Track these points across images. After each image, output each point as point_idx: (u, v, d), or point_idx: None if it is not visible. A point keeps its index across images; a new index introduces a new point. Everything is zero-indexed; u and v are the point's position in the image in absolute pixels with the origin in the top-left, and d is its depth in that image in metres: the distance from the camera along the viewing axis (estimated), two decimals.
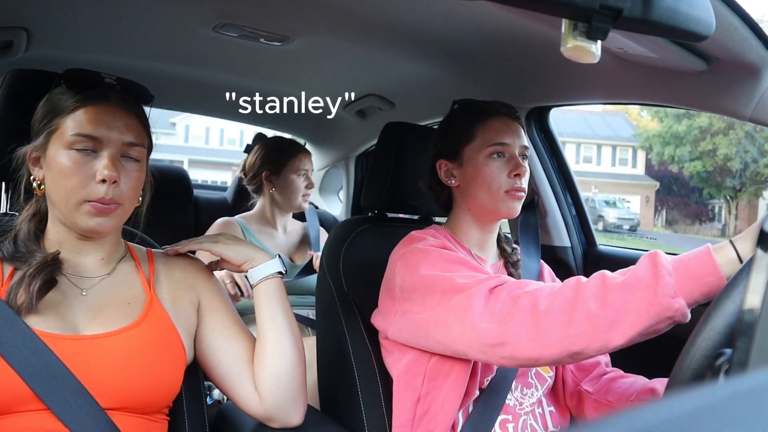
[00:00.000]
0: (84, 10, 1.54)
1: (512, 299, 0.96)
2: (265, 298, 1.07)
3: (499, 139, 1.21)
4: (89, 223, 0.93)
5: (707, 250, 0.84)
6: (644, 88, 1.39)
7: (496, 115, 1.23)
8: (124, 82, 1.00)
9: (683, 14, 0.64)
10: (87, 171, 0.92)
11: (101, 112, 0.94)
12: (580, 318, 0.87)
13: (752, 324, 0.54)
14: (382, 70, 1.87)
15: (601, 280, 0.89)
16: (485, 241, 1.28)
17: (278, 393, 1.04)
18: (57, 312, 0.93)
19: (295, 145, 2.19)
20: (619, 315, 0.85)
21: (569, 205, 1.91)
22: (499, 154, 1.21)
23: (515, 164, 1.20)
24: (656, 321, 0.84)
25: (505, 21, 1.31)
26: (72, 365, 0.89)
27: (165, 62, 1.96)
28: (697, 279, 0.82)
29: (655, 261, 0.85)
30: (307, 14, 1.47)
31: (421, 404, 1.16)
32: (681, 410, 0.26)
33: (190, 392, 1.10)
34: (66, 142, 0.93)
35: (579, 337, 0.88)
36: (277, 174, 2.11)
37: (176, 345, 1.01)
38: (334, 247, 1.38)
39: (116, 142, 0.94)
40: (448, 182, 1.26)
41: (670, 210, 26.71)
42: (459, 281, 1.04)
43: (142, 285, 1.03)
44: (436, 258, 1.11)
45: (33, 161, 0.97)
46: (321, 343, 1.42)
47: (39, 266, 0.92)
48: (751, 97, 1.14)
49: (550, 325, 0.90)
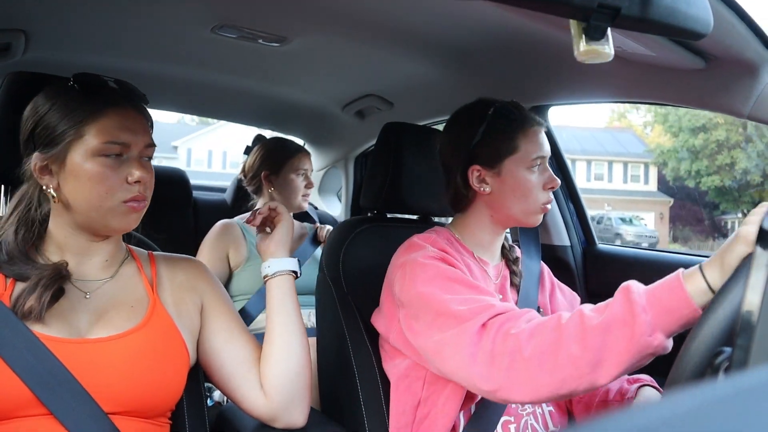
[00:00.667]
0: (82, 13, 1.54)
1: (500, 341, 0.96)
2: (279, 293, 1.09)
3: (541, 152, 1.20)
4: (125, 221, 0.97)
5: (678, 281, 0.83)
6: (643, 87, 1.39)
7: (535, 125, 1.22)
8: (124, 85, 1.01)
9: (681, 12, 0.64)
10: (118, 174, 0.95)
11: (124, 117, 0.96)
12: (564, 362, 0.88)
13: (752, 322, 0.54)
14: (380, 70, 1.87)
15: (579, 321, 0.89)
16: (492, 243, 1.27)
17: (286, 392, 1.04)
18: (61, 316, 0.92)
19: (293, 146, 2.19)
20: (601, 356, 0.86)
21: (568, 204, 1.92)
22: (536, 167, 1.20)
23: (550, 177, 1.20)
24: (638, 358, 0.85)
25: (503, 20, 1.31)
26: (75, 369, 0.89)
27: (163, 64, 1.96)
28: (671, 313, 0.82)
29: (629, 298, 0.85)
30: (305, 15, 1.47)
31: (422, 408, 1.16)
32: (681, 409, 0.26)
33: (190, 395, 1.10)
34: (93, 150, 0.93)
35: (565, 381, 0.89)
36: (276, 174, 2.11)
37: (180, 348, 1.01)
38: (334, 248, 1.38)
39: (140, 144, 0.98)
40: (480, 189, 1.22)
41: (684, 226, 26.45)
42: (454, 307, 1.03)
43: (144, 288, 1.03)
44: (434, 274, 1.10)
45: (41, 170, 0.95)
46: (321, 343, 1.42)
47: (53, 277, 0.92)
48: (749, 95, 1.14)
49: (535, 372, 0.91)
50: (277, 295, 1.09)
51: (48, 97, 0.96)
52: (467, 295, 1.06)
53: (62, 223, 0.98)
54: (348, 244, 1.37)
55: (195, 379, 1.10)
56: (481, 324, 0.99)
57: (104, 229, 0.97)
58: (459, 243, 1.24)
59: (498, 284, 1.26)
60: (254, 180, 2.15)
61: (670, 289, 0.83)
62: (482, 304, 1.02)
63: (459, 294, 1.06)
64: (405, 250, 1.20)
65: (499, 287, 1.26)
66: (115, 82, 1.00)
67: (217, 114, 2.93)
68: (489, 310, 1.00)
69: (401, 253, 1.20)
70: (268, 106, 2.52)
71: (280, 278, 1.10)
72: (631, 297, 0.85)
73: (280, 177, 2.10)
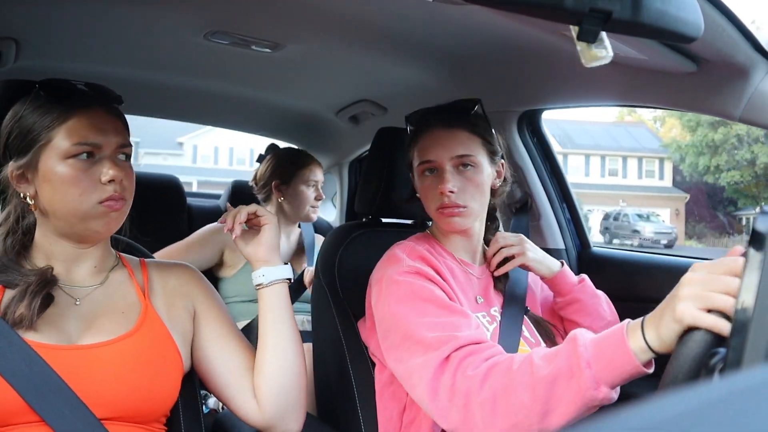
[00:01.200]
0: (74, 20, 1.53)
1: (459, 379, 0.97)
2: (274, 301, 1.06)
3: (428, 156, 1.20)
4: (106, 222, 0.95)
5: (622, 336, 0.82)
6: (635, 90, 1.40)
7: (427, 129, 1.23)
8: (96, 87, 1.00)
9: (672, 16, 0.65)
10: (91, 176, 0.94)
11: (92, 117, 0.95)
12: (515, 409, 0.89)
13: (745, 323, 0.54)
14: (374, 75, 1.87)
15: (529, 370, 0.90)
16: (468, 243, 1.28)
17: (279, 403, 1.03)
18: (51, 323, 0.92)
19: (306, 156, 2.18)
20: (549, 406, 0.87)
21: (563, 207, 1.92)
22: (431, 170, 1.21)
23: (440, 180, 1.18)
24: (585, 409, 0.85)
25: (495, 25, 1.31)
26: (67, 376, 0.88)
27: (156, 71, 1.96)
28: (616, 368, 0.82)
29: (575, 351, 0.85)
30: (297, 21, 1.47)
31: (408, 413, 1.17)
32: (676, 410, 0.26)
33: (186, 401, 1.09)
34: (63, 152, 0.93)
35: (517, 426, 0.90)
36: (286, 184, 2.11)
37: (172, 354, 1.00)
38: (329, 253, 1.38)
39: (111, 144, 0.96)
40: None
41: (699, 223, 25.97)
42: (422, 333, 1.03)
43: (136, 293, 1.03)
44: (408, 293, 1.10)
45: (17, 179, 0.96)
46: (317, 349, 1.41)
47: (40, 283, 0.91)
48: (740, 98, 1.15)
49: (489, 416, 0.92)
50: (272, 305, 1.06)
51: (20, 105, 0.96)
52: (438, 318, 1.06)
53: (46, 231, 0.98)
54: (343, 250, 1.37)
55: (190, 385, 1.10)
56: (445, 357, 1.00)
57: (87, 233, 0.97)
58: (440, 246, 1.26)
59: (482, 284, 1.27)
60: (264, 189, 2.15)
61: (615, 344, 0.82)
62: (448, 334, 1.02)
63: (430, 316, 1.06)
64: (383, 264, 1.20)
65: (483, 288, 1.27)
66: (86, 85, 0.99)
67: (210, 120, 2.92)
68: (452, 341, 1.01)
69: (379, 267, 1.21)
70: (262, 112, 2.52)
71: (275, 287, 1.06)
72: (578, 350, 0.85)
73: (290, 187, 2.11)
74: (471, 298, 1.22)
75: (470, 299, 1.21)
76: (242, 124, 2.87)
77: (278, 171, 2.12)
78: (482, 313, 1.21)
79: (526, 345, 1.22)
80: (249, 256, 1.08)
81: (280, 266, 1.08)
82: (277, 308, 1.06)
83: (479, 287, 1.26)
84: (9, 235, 0.98)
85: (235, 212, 1.07)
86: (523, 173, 1.84)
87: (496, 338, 1.17)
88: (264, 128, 2.79)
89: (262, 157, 2.26)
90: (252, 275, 1.09)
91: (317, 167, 2.16)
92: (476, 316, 1.18)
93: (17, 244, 0.97)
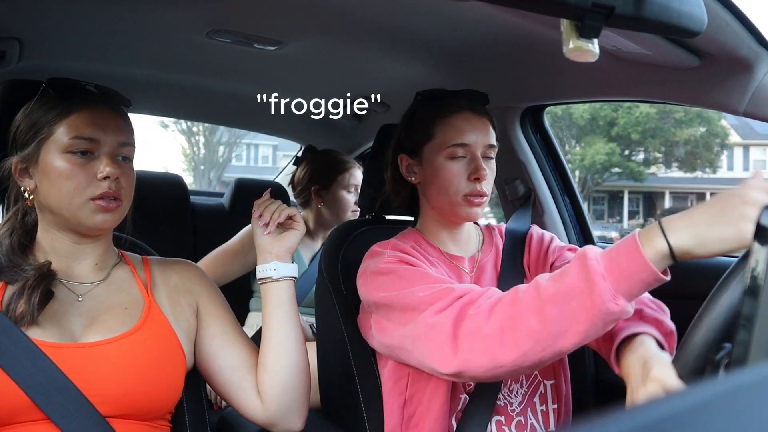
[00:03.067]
0: (77, 19, 1.54)
1: (460, 324, 0.94)
2: (282, 297, 1.05)
3: (460, 139, 1.15)
4: (95, 219, 0.95)
5: (635, 244, 0.79)
6: (638, 85, 1.40)
7: (458, 111, 1.17)
8: (103, 88, 1.02)
9: (675, 11, 0.64)
10: (87, 172, 0.95)
11: (94, 114, 0.96)
12: (524, 337, 0.87)
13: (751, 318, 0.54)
14: (376, 72, 1.87)
15: (535, 292, 0.87)
16: (454, 236, 1.25)
17: (283, 400, 1.03)
18: (54, 320, 0.92)
19: (344, 160, 2.11)
20: (561, 327, 0.84)
21: (566, 204, 1.92)
22: (459, 156, 1.16)
23: (475, 167, 1.14)
24: (601, 325, 0.83)
25: (498, 21, 1.31)
26: (71, 374, 0.89)
27: (159, 69, 1.96)
28: (631, 277, 0.79)
29: (585, 265, 0.82)
30: (300, 18, 1.47)
31: (408, 407, 1.16)
32: (682, 405, 0.26)
33: (191, 398, 1.09)
34: (62, 146, 0.94)
35: (528, 354, 0.87)
36: (326, 189, 2.04)
37: (176, 350, 1.01)
38: (332, 250, 1.38)
39: (111, 142, 0.97)
40: (409, 179, 1.23)
41: None
42: (417, 295, 1.02)
43: (139, 290, 1.03)
44: (393, 276, 1.09)
45: (20, 173, 0.98)
46: (321, 346, 1.41)
47: (38, 278, 0.92)
48: (744, 92, 1.14)
49: (497, 349, 0.89)
50: (279, 301, 1.05)
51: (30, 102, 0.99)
52: (428, 283, 1.04)
53: (47, 226, 0.99)
54: (346, 247, 1.37)
55: (195, 382, 1.10)
56: (443, 307, 0.97)
57: (79, 228, 0.97)
58: (427, 242, 1.24)
59: (474, 276, 1.25)
60: (303, 194, 2.10)
61: (628, 253, 0.80)
62: (443, 288, 1.00)
63: (419, 284, 1.04)
64: (365, 259, 1.19)
65: (475, 279, 1.24)
66: (95, 86, 1.01)
67: (213, 119, 2.93)
68: (449, 294, 0.99)
69: (362, 263, 1.20)
70: (265, 110, 2.51)
71: (283, 283, 1.06)
72: (588, 263, 0.82)
73: (330, 192, 2.04)
74: None
75: None
76: (244, 122, 2.88)
77: (317, 176, 2.06)
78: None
79: None
80: (263, 248, 1.07)
81: (291, 264, 1.07)
82: (284, 304, 1.06)
83: (472, 277, 1.24)
84: (13, 232, 0.99)
85: (274, 208, 1.07)
86: (526, 169, 1.84)
87: None
88: (267, 126, 2.80)
89: (299, 160, 2.20)
90: (258, 268, 1.07)
91: (357, 170, 2.09)
92: None
93: (20, 240, 0.98)
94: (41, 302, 0.90)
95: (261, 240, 1.08)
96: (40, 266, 0.95)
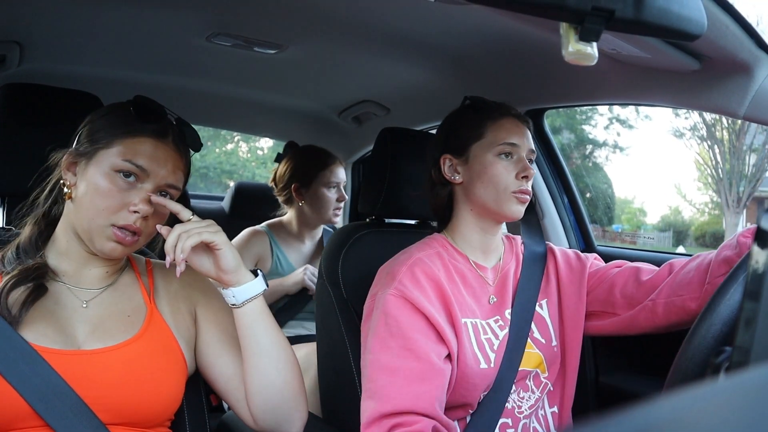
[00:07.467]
0: (76, 23, 1.54)
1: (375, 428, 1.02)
2: (249, 321, 0.99)
3: (510, 138, 1.20)
4: (105, 246, 0.95)
5: None
6: (638, 89, 1.40)
7: (507, 115, 1.24)
8: (183, 123, 1.02)
9: (675, 14, 0.64)
10: (123, 198, 0.94)
11: (158, 147, 0.96)
12: None
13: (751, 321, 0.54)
14: (376, 76, 1.87)
15: None
16: (485, 243, 1.25)
17: (270, 417, 1.02)
18: (58, 326, 0.92)
19: (326, 156, 2.06)
20: None
21: (567, 207, 1.92)
22: (507, 155, 1.20)
23: (523, 166, 1.19)
24: None
25: (498, 25, 1.31)
26: (72, 381, 0.89)
27: (159, 73, 1.96)
28: None
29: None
30: (300, 22, 1.47)
31: None
32: (682, 408, 0.26)
33: (191, 404, 1.09)
34: (112, 164, 0.94)
35: None
36: (306, 187, 2.01)
37: (177, 357, 1.01)
38: (333, 254, 1.38)
39: (160, 179, 0.96)
40: (451, 178, 1.24)
41: None
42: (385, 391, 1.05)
43: (142, 296, 1.03)
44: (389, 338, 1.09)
45: (68, 165, 0.98)
46: (321, 349, 1.41)
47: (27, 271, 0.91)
48: (744, 95, 1.15)
49: None
50: (247, 324, 0.99)
51: (110, 107, 1.00)
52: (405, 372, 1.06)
53: (67, 226, 0.98)
54: (347, 250, 1.37)
55: (195, 387, 1.10)
56: (381, 415, 1.03)
57: (89, 244, 0.96)
58: (454, 248, 1.24)
59: (496, 286, 1.25)
60: (285, 191, 2.07)
61: None
62: (396, 395, 1.04)
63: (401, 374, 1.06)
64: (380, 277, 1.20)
65: (497, 288, 1.25)
66: (177, 120, 1.01)
67: (213, 122, 2.93)
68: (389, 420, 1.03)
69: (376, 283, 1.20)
70: (265, 113, 2.52)
71: (248, 306, 0.99)
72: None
73: (310, 190, 2.01)
74: (483, 302, 1.21)
75: (482, 303, 1.20)
76: (244, 125, 2.88)
77: (297, 173, 2.03)
78: (495, 318, 1.20)
79: (534, 347, 1.21)
80: (210, 277, 1.00)
81: (248, 283, 0.98)
82: (253, 326, 0.99)
83: (494, 288, 1.24)
84: (36, 222, 0.99)
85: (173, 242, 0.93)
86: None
87: (503, 348, 1.17)
88: (267, 130, 2.80)
89: (280, 156, 2.16)
90: (222, 292, 1.00)
91: (338, 167, 2.04)
92: (487, 323, 1.18)
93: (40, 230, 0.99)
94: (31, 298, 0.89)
95: (202, 270, 0.98)
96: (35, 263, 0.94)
